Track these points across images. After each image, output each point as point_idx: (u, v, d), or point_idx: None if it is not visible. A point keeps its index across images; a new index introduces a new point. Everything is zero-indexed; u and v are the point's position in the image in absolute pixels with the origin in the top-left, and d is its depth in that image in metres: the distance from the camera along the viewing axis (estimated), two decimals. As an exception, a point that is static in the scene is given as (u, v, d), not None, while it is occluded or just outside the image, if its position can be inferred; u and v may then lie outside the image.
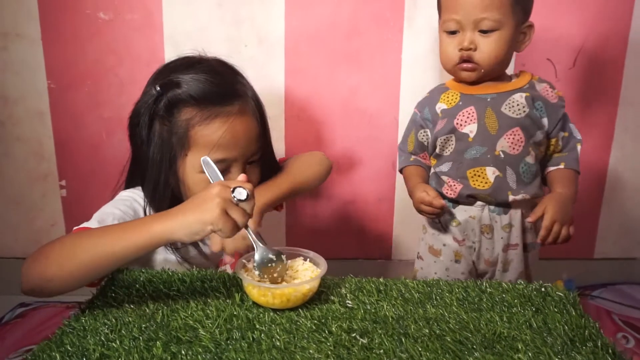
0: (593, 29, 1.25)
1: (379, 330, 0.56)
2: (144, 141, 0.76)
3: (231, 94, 0.75)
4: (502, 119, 0.90)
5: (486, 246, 0.95)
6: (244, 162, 0.77)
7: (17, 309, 1.29)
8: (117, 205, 0.76)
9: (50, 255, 0.60)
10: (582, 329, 0.57)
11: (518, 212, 0.93)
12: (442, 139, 0.94)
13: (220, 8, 1.21)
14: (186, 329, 0.55)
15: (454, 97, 0.94)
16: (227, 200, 0.55)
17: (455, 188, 0.93)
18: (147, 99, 0.75)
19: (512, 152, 0.90)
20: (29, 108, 1.27)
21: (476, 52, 0.87)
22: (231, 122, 0.74)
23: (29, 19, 1.20)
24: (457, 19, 0.87)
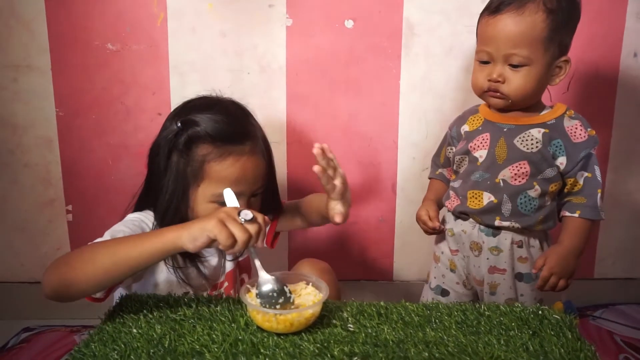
0: (585, 55, 1.29)
1: (380, 354, 0.58)
2: (161, 170, 0.84)
3: (243, 135, 0.84)
4: (511, 151, 0.92)
5: (474, 263, 0.98)
6: (250, 196, 0.85)
7: (21, 334, 1.30)
8: (127, 224, 0.83)
9: (70, 262, 0.67)
10: (578, 352, 0.58)
11: (508, 239, 0.94)
12: (459, 158, 0.99)
13: (223, 38, 1.26)
14: (193, 353, 0.57)
15: (478, 121, 0.98)
16: (229, 216, 0.63)
17: (454, 203, 0.99)
18: (168, 134, 0.84)
19: (513, 182, 0.92)
20: (38, 136, 1.30)
21: (504, 85, 0.90)
22: (243, 161, 0.83)
23: (40, 51, 1.25)
24: (489, 51, 0.90)
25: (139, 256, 0.64)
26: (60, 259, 0.68)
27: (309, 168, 1.33)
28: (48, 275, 0.66)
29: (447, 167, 1.08)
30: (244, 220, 0.63)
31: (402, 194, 1.36)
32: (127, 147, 1.31)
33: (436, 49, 1.28)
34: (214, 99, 0.88)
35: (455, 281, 1.02)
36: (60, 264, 0.67)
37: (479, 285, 0.99)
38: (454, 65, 1.28)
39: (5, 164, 1.31)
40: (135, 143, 1.31)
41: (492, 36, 0.89)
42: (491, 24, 0.89)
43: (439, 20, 1.26)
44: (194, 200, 0.84)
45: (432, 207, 1.03)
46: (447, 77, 1.29)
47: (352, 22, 1.26)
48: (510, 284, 0.96)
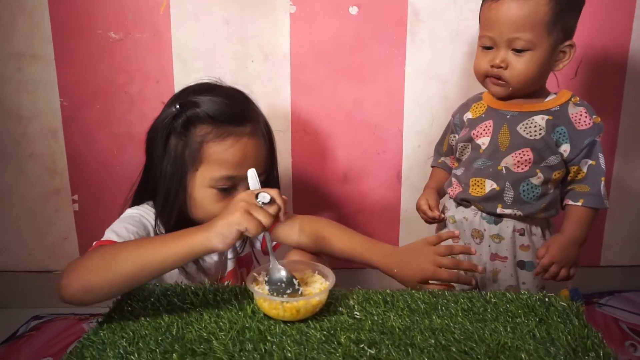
0: (594, 40, 1.27)
1: (386, 341, 0.58)
2: (159, 156, 0.81)
3: (244, 116, 0.80)
4: (514, 138, 0.91)
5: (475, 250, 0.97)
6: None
7: (31, 322, 1.31)
8: (128, 222, 0.79)
9: (90, 266, 0.63)
10: (584, 339, 0.58)
11: (509, 227, 0.94)
12: (461, 145, 0.99)
13: (227, 26, 1.25)
14: (200, 341, 0.57)
15: (481, 108, 0.97)
16: (251, 203, 0.61)
17: (456, 190, 0.99)
18: (166, 116, 0.80)
19: (515, 170, 0.91)
20: (43, 126, 1.30)
21: (507, 70, 0.88)
22: (243, 142, 0.79)
23: (43, 41, 1.24)
24: (491, 36, 0.88)
25: (164, 261, 0.61)
26: (78, 262, 0.65)
27: (314, 156, 1.34)
28: (67, 279, 0.63)
29: (450, 156, 1.07)
30: (262, 203, 0.61)
31: (407, 182, 1.35)
32: (132, 137, 1.31)
33: (442, 34, 1.26)
34: (214, 84, 0.85)
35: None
36: (79, 268, 0.64)
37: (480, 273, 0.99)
38: (460, 51, 1.27)
39: (11, 155, 1.32)
40: (139, 132, 1.29)
41: (494, 20, 0.87)
42: (493, 8, 0.87)
43: (444, 5, 1.24)
44: (192, 185, 0.80)
45: (433, 196, 1.02)
46: (453, 63, 1.28)
47: (357, 9, 1.24)
48: (512, 272, 0.95)
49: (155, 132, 0.82)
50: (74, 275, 0.63)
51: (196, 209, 0.82)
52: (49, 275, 1.40)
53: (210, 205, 0.80)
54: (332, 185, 1.36)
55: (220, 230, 0.60)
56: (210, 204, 0.80)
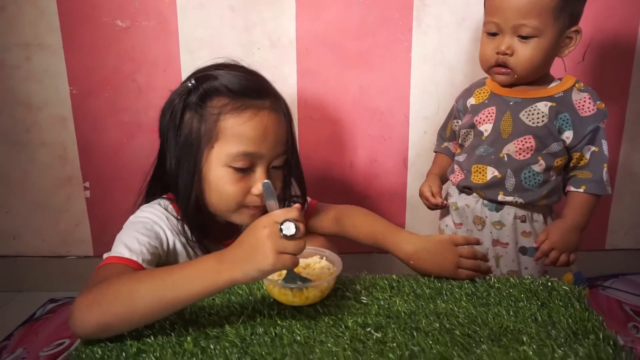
0: (602, 23, 1.26)
1: (392, 324, 0.60)
2: (173, 134, 0.75)
3: (264, 90, 0.76)
4: (517, 125, 0.91)
5: (476, 237, 0.97)
6: (269, 162, 0.76)
7: (47, 305, 1.35)
8: (138, 228, 0.74)
9: (105, 303, 0.58)
10: (585, 322, 0.60)
11: (511, 214, 0.95)
12: (464, 131, 0.99)
13: (232, 13, 1.25)
14: (213, 325, 0.60)
15: (484, 94, 0.97)
16: (278, 241, 0.56)
17: (458, 177, 1.00)
18: (181, 91, 0.75)
19: (517, 157, 0.92)
20: (53, 114, 1.32)
21: (512, 57, 0.88)
22: (262, 116, 0.73)
23: (50, 30, 1.25)
24: (497, 23, 0.87)
25: (185, 299, 0.57)
26: (91, 297, 0.59)
27: (320, 143, 1.35)
28: (81, 315, 0.58)
29: (453, 141, 1.08)
30: (286, 236, 0.56)
31: (414, 167, 1.36)
32: (140, 124, 1.33)
33: (448, 20, 1.25)
34: (232, 62, 0.80)
35: None
36: (93, 304, 0.58)
37: None
38: (467, 37, 1.26)
39: (22, 143, 1.34)
40: (147, 120, 1.32)
41: (500, 6, 0.86)
42: None
43: (451, -10, 1.23)
44: (207, 166, 0.74)
45: (435, 183, 1.03)
46: (459, 48, 1.27)
47: (363, -6, 1.24)
48: (513, 257, 0.97)
49: (169, 109, 0.76)
50: (87, 312, 0.58)
51: (211, 192, 0.76)
52: (62, 260, 1.44)
53: (225, 186, 0.74)
54: (339, 172, 1.37)
55: (252, 274, 0.56)
56: (226, 185, 0.74)
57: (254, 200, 0.75)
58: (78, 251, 1.43)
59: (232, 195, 0.75)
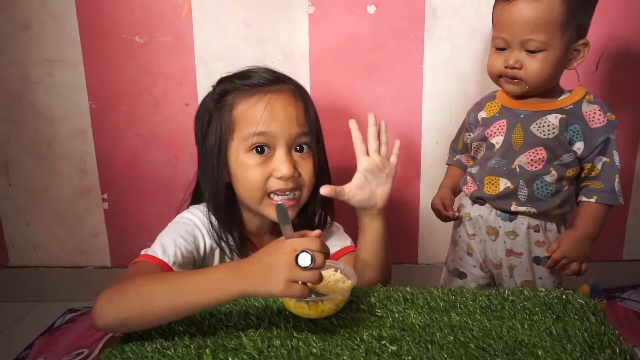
0: (614, 32, 1.26)
1: (407, 337, 0.61)
2: (203, 137, 0.82)
3: (275, 79, 0.82)
4: (528, 137, 0.92)
5: (490, 247, 0.99)
6: (288, 143, 0.78)
7: (66, 315, 1.38)
8: (179, 231, 0.78)
9: (125, 300, 0.61)
10: (601, 336, 0.60)
11: (524, 224, 0.95)
12: (476, 144, 1.00)
13: (247, 27, 1.27)
14: (231, 337, 0.61)
15: (495, 107, 0.98)
16: (293, 270, 0.57)
17: (471, 188, 1.00)
18: (206, 98, 0.84)
19: (529, 168, 0.92)
20: (73, 127, 1.36)
21: (521, 71, 0.89)
22: (269, 98, 0.78)
23: (71, 46, 1.29)
24: (505, 38, 0.88)
25: (198, 305, 0.60)
26: (114, 291, 0.62)
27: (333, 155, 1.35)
28: (102, 310, 0.61)
29: (465, 153, 1.09)
30: (302, 267, 0.56)
31: (426, 178, 1.37)
32: (157, 137, 1.36)
33: (460, 31, 1.26)
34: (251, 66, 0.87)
35: (472, 264, 1.04)
36: (114, 300, 0.61)
37: (496, 268, 1.00)
38: (478, 48, 1.27)
39: (44, 156, 1.38)
40: (164, 133, 1.35)
41: (507, 22, 0.87)
42: (506, 9, 0.87)
43: (462, 1, 1.24)
44: (231, 159, 0.79)
45: (447, 195, 1.04)
46: (471, 59, 1.28)
47: (374, 7, 1.25)
48: (527, 267, 0.97)
49: (198, 117, 0.84)
50: (108, 307, 0.61)
51: (237, 183, 0.80)
52: (81, 270, 1.47)
53: (247, 173, 0.78)
54: (352, 182, 1.38)
55: (261, 293, 0.58)
56: (247, 172, 0.78)
57: (277, 185, 0.78)
58: (96, 261, 1.46)
59: (254, 180, 0.78)
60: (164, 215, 1.47)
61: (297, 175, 0.79)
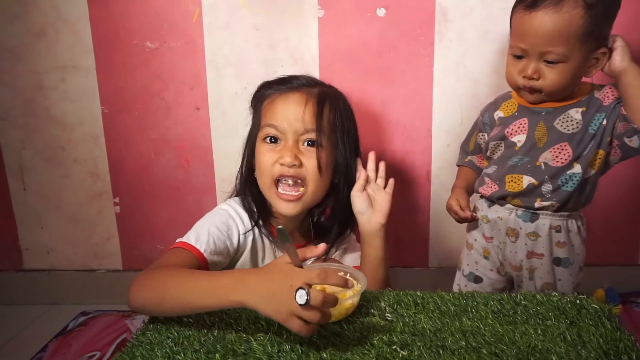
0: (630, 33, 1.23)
1: (418, 342, 0.60)
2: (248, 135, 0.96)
3: (300, 82, 0.92)
4: (552, 133, 0.91)
5: (510, 249, 0.98)
6: (295, 137, 0.88)
7: (79, 318, 1.39)
8: (214, 221, 0.86)
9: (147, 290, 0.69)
10: (616, 342, 0.59)
11: (546, 224, 0.94)
12: (493, 144, 0.99)
13: (257, 32, 1.28)
14: (240, 342, 0.61)
15: (512, 107, 0.98)
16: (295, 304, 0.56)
17: (490, 189, 0.98)
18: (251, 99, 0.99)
19: (554, 164, 0.92)
20: (86, 132, 1.37)
21: (539, 80, 0.88)
22: (287, 97, 0.89)
23: (85, 52, 1.31)
24: (523, 48, 0.87)
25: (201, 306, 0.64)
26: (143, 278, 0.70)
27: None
28: (132, 293, 0.69)
29: (477, 154, 1.08)
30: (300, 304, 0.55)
31: (437, 181, 1.36)
32: (168, 142, 1.37)
33: (471, 33, 1.25)
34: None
35: (489, 268, 1.02)
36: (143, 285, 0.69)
37: (516, 271, 0.99)
38: (490, 50, 1.26)
39: (57, 160, 1.40)
40: (175, 137, 1.36)
41: (527, 33, 0.86)
42: (526, 20, 0.85)
43: (473, 4, 1.24)
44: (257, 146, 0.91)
45: (463, 196, 1.03)
46: (482, 61, 1.27)
47: (384, 10, 1.25)
48: (548, 269, 0.96)
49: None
50: (137, 292, 0.69)
51: (257, 170, 0.91)
52: (93, 273, 1.48)
53: (261, 158, 0.89)
54: (362, 186, 1.37)
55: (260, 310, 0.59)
56: (261, 157, 0.88)
57: (280, 169, 0.87)
58: (108, 265, 1.47)
59: (265, 164, 0.88)
60: (175, 219, 1.49)
61: (299, 164, 0.86)
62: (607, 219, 1.35)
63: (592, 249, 1.03)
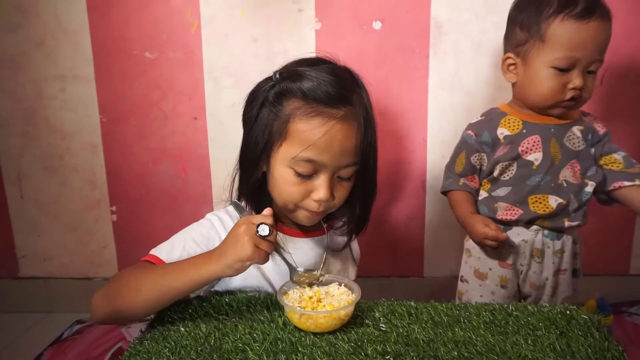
0: (620, 47, 1.26)
1: (411, 352, 0.61)
2: (251, 121, 0.77)
3: (340, 98, 0.73)
4: (564, 151, 0.92)
5: (534, 269, 0.97)
6: (333, 172, 0.75)
7: (74, 326, 1.39)
8: (193, 234, 0.79)
9: (118, 291, 0.69)
10: (605, 352, 0.60)
11: (570, 238, 0.96)
12: (504, 164, 0.95)
13: (255, 43, 1.30)
14: (237, 351, 0.62)
15: (516, 124, 0.94)
16: (254, 236, 0.65)
17: (515, 212, 0.95)
18: (265, 83, 0.76)
19: (574, 181, 0.93)
20: (84, 141, 1.39)
21: (582, 92, 0.88)
22: (330, 125, 0.72)
23: (84, 62, 1.32)
24: (578, 58, 0.85)
25: (182, 287, 0.67)
26: (108, 287, 0.71)
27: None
28: (98, 302, 0.69)
29: (470, 175, 1.02)
30: (262, 236, 0.65)
31: (432, 191, 1.37)
32: (166, 150, 1.38)
33: (465, 46, 1.28)
34: (325, 59, 0.78)
35: (506, 296, 0.99)
36: (108, 293, 0.70)
37: (536, 290, 0.98)
38: (483, 63, 1.28)
39: (56, 168, 1.40)
40: (173, 146, 1.38)
41: (583, 42, 0.84)
42: (582, 29, 0.84)
43: (467, 17, 1.26)
44: (274, 161, 0.76)
45: (489, 220, 0.94)
46: (476, 74, 1.29)
47: (380, 24, 1.27)
48: (569, 282, 0.97)
49: (251, 98, 0.78)
50: (104, 299, 0.69)
51: (273, 186, 0.78)
52: (90, 281, 1.49)
53: (285, 186, 0.76)
54: (358, 195, 1.39)
55: (233, 264, 0.65)
56: (286, 185, 0.75)
57: (312, 205, 0.76)
58: (105, 273, 1.48)
59: (291, 196, 0.76)
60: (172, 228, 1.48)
61: (332, 199, 0.77)
62: (600, 229, 1.37)
63: (584, 259, 1.04)
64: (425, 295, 1.39)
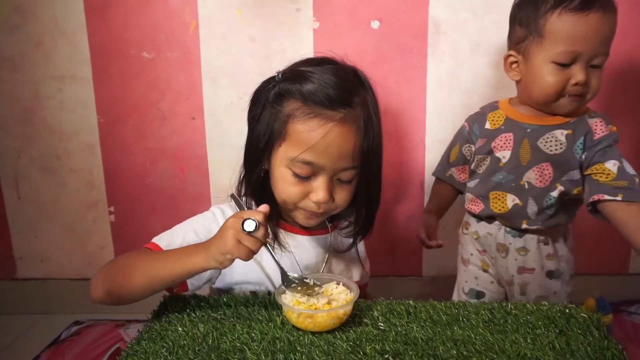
0: (618, 48, 1.26)
1: (410, 351, 0.61)
2: (254, 119, 0.77)
3: (340, 101, 0.72)
4: (535, 153, 0.90)
5: (501, 264, 0.98)
6: (331, 175, 0.74)
7: (72, 327, 1.39)
8: (195, 226, 0.81)
9: (114, 274, 0.72)
10: (604, 351, 0.59)
11: (534, 238, 0.95)
12: (479, 157, 0.97)
13: (253, 43, 1.30)
14: (235, 351, 0.61)
15: (499, 118, 0.95)
16: (239, 232, 0.64)
17: (478, 206, 0.98)
18: (269, 83, 0.77)
19: (538, 184, 0.91)
20: (82, 141, 1.38)
21: (585, 87, 0.85)
22: (329, 127, 0.71)
23: (82, 62, 1.32)
24: (579, 52, 0.82)
25: (170, 276, 0.69)
26: (106, 268, 0.73)
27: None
28: (96, 282, 0.72)
29: (459, 166, 1.05)
30: (248, 232, 0.64)
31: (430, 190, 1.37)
32: (164, 151, 1.38)
33: (463, 45, 1.28)
34: (331, 60, 0.78)
35: (489, 280, 1.01)
36: (106, 273, 0.72)
37: (508, 285, 1.00)
38: (482, 62, 1.28)
39: (53, 169, 1.40)
40: (171, 146, 1.37)
41: (583, 35, 0.81)
42: (582, 21, 0.81)
43: (465, 17, 1.26)
44: (275, 160, 0.76)
45: (431, 224, 1.03)
46: (474, 73, 1.29)
47: (378, 23, 1.27)
48: (540, 282, 0.96)
49: (255, 97, 0.78)
50: (101, 280, 0.72)
51: (273, 185, 0.78)
52: (88, 282, 1.47)
53: (284, 186, 0.76)
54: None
55: (215, 257, 0.66)
56: (284, 185, 0.75)
57: (311, 206, 0.76)
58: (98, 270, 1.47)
59: (290, 196, 0.76)
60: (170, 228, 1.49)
61: (332, 201, 0.76)
62: (598, 228, 1.36)
63: (583, 258, 1.04)
64: (424, 294, 1.39)
